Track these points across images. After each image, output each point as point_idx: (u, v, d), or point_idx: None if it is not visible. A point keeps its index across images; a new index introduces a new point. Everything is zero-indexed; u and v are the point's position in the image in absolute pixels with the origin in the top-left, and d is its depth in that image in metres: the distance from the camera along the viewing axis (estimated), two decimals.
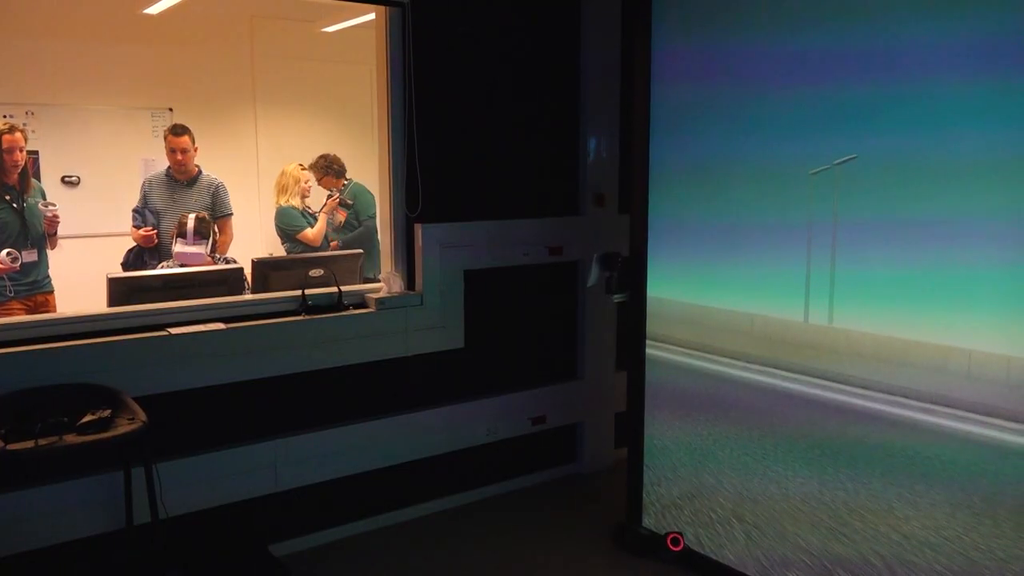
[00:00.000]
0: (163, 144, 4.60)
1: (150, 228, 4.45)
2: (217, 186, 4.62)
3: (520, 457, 4.02)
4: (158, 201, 4.52)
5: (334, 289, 3.44)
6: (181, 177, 4.55)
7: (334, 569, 3.29)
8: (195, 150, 4.54)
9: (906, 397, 2.48)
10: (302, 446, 3.33)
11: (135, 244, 4.51)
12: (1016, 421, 2.26)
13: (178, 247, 4.13)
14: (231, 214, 4.65)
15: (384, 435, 3.53)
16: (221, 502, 3.18)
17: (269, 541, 3.32)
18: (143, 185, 4.60)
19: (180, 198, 4.53)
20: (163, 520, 2.75)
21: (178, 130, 4.51)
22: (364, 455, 3.49)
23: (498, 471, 3.96)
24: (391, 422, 3.55)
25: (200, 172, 4.61)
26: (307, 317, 3.32)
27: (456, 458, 3.78)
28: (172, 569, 3.04)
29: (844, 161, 2.55)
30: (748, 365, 2.92)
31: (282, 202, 5.14)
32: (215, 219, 4.51)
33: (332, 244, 5.18)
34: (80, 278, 4.16)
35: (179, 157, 4.49)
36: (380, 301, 3.48)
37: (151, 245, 4.44)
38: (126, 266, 4.45)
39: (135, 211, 4.53)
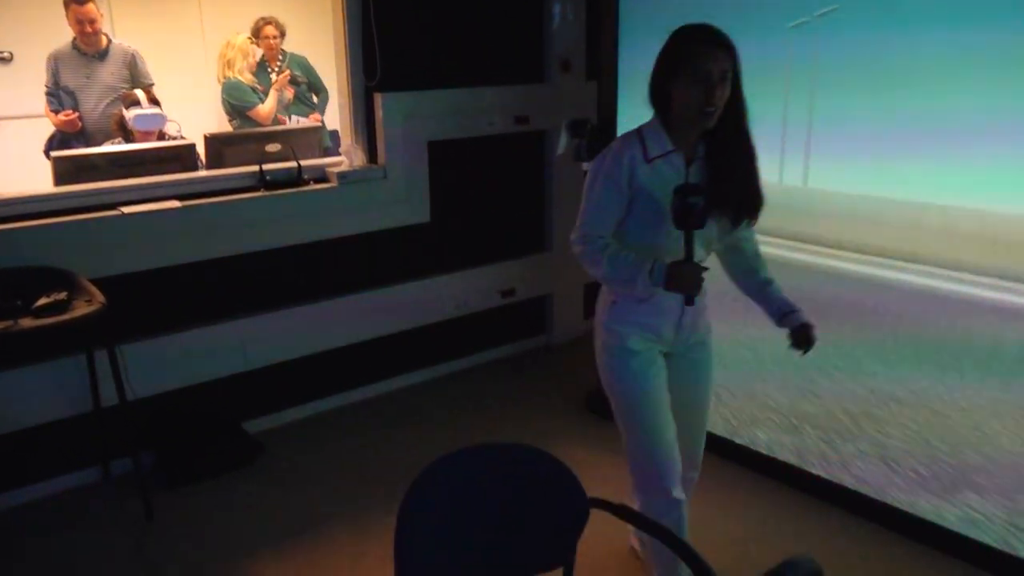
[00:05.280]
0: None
1: (70, 111, 4.11)
2: (133, 55, 4.22)
3: (490, 330, 4.03)
4: (70, 79, 4.11)
5: (293, 164, 3.30)
6: (89, 50, 4.11)
7: (308, 445, 3.31)
8: (101, 17, 4.09)
9: (880, 255, 2.48)
10: (269, 325, 3.28)
11: (56, 130, 4.12)
12: (986, 275, 2.27)
13: (135, 111, 3.82)
14: (152, 84, 4.28)
15: (352, 312, 3.49)
16: (190, 383, 3.14)
17: (241, 419, 3.31)
18: (48, 62, 4.12)
19: (94, 73, 4.13)
20: (131, 402, 2.72)
21: None
22: (333, 333, 3.46)
23: (469, 344, 3.96)
24: (359, 298, 3.50)
25: (110, 42, 4.19)
26: (266, 193, 3.20)
27: (426, 333, 3.77)
28: (147, 447, 3.03)
29: (825, 12, 2.44)
30: None
31: (229, 75, 4.81)
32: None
33: (282, 121, 4.91)
34: (18, 161, 3.93)
35: (88, 29, 4.01)
36: (341, 175, 3.36)
37: (75, 130, 4.06)
38: (49, 156, 4.13)
39: (48, 94, 4.11)
